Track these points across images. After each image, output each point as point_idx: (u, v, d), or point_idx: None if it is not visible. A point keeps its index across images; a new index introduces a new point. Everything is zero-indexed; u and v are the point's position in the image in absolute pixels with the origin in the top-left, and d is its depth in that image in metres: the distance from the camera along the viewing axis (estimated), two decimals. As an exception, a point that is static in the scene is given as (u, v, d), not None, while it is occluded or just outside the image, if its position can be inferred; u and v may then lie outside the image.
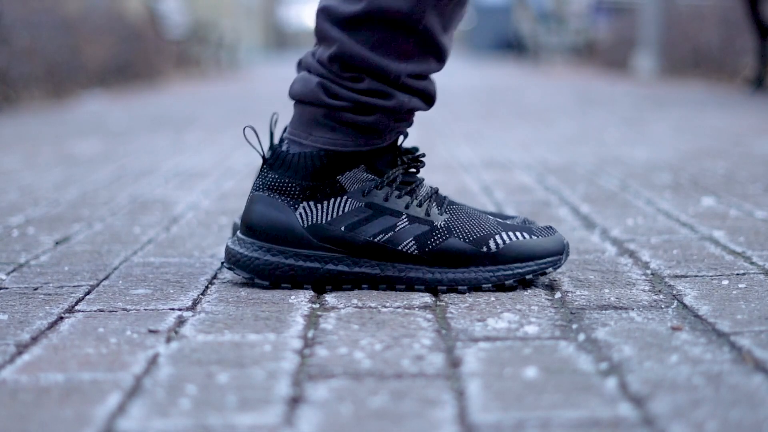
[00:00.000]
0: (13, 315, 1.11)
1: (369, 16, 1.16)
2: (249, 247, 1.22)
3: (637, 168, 2.48)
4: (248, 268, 1.21)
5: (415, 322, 1.06)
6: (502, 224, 1.23)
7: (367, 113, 1.19)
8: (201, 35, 12.42)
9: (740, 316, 1.05)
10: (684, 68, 8.17)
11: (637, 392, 0.82)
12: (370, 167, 1.21)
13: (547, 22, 15.00)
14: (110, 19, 8.52)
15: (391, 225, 1.20)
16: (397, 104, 1.19)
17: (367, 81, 1.18)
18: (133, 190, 2.22)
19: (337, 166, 1.20)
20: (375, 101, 1.18)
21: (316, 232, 1.20)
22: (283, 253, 1.20)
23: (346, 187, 1.20)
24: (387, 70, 1.17)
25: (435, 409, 0.79)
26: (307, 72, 1.22)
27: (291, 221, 1.20)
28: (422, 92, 1.21)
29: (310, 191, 1.20)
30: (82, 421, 0.77)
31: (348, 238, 1.20)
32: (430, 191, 1.23)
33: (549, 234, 1.23)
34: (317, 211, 1.20)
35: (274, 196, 1.21)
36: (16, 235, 1.66)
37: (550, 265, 1.20)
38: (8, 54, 5.69)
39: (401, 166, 1.23)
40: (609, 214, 1.76)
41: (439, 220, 1.21)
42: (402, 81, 1.18)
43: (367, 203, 1.20)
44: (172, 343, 0.98)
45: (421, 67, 1.19)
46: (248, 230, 1.23)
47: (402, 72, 1.17)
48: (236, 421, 0.77)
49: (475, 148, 3.12)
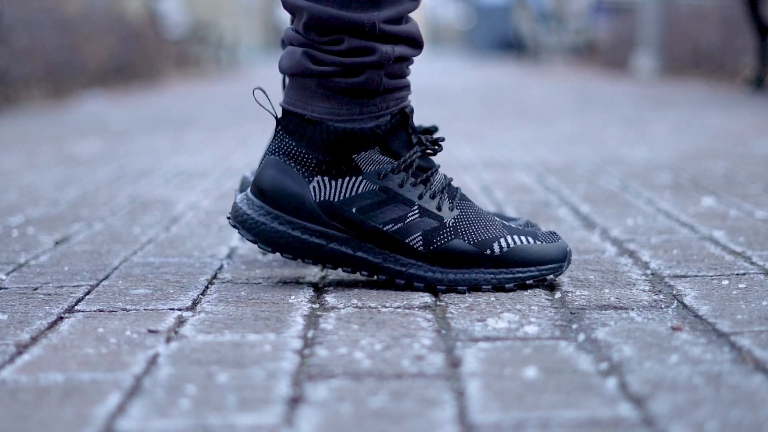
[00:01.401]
0: (13, 315, 1.11)
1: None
2: (258, 210, 1.20)
3: (637, 168, 2.48)
4: (253, 231, 1.20)
5: (415, 322, 1.06)
6: (508, 227, 1.22)
7: (356, 73, 1.18)
8: (201, 35, 12.42)
9: (740, 316, 1.05)
10: (684, 68, 8.18)
11: (637, 392, 0.82)
12: (384, 149, 1.20)
13: (547, 22, 15.00)
14: (110, 19, 8.53)
15: (402, 215, 1.19)
16: (383, 56, 1.17)
17: (346, 40, 1.17)
18: (133, 190, 2.22)
19: (351, 144, 1.18)
20: (360, 60, 1.17)
21: (327, 209, 1.19)
22: (290, 223, 1.19)
23: (362, 167, 1.19)
24: (360, 22, 1.16)
25: (435, 409, 0.79)
26: (291, 45, 1.21)
27: (304, 193, 1.19)
28: (405, 37, 1.19)
29: (326, 165, 1.19)
30: (82, 421, 0.77)
31: (357, 221, 1.19)
32: (444, 182, 1.23)
33: (553, 240, 1.22)
34: (331, 187, 1.19)
35: (289, 163, 1.20)
36: (15, 235, 1.66)
37: (551, 272, 1.20)
38: (8, 54, 5.69)
39: (419, 148, 1.22)
40: (609, 214, 1.76)
41: (449, 216, 1.20)
42: (380, 29, 1.16)
43: (381, 187, 1.19)
44: (172, 343, 0.98)
45: (395, 10, 1.17)
46: (259, 193, 1.21)
47: (376, 19, 1.16)
48: (236, 421, 0.77)
49: (475, 147, 3.12)
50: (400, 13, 1.17)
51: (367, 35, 1.16)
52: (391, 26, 1.17)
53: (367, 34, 1.16)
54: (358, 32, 1.16)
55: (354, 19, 1.16)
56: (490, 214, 1.26)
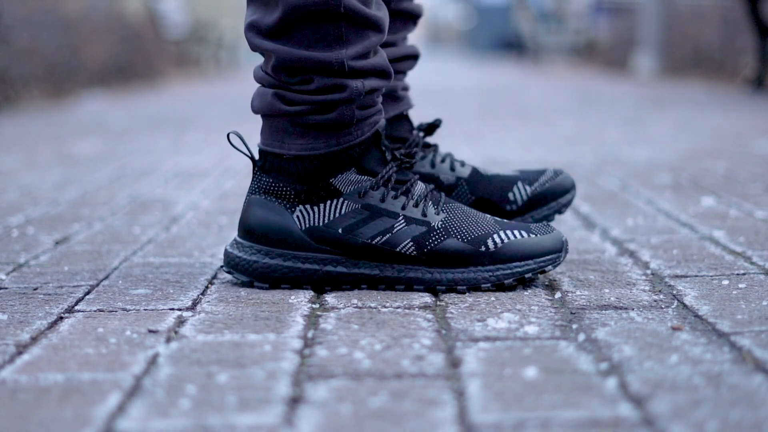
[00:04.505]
0: (12, 315, 1.11)
1: (290, 18, 1.16)
2: (247, 250, 1.22)
3: (637, 168, 2.48)
4: (247, 271, 1.21)
5: (415, 322, 1.06)
6: (500, 222, 1.23)
7: (328, 110, 1.19)
8: (201, 35, 12.42)
9: (740, 316, 1.05)
10: (684, 68, 8.17)
11: (637, 392, 0.82)
12: (360, 169, 1.21)
13: (547, 22, 14.99)
14: (110, 19, 8.52)
15: (389, 227, 1.20)
16: (353, 92, 1.18)
17: (315, 80, 1.18)
18: (133, 190, 2.22)
19: (326, 169, 1.20)
20: (331, 97, 1.18)
21: (314, 234, 1.20)
22: (281, 256, 1.21)
23: (341, 189, 1.20)
24: (329, 61, 1.17)
25: (435, 409, 0.79)
26: (261, 85, 1.23)
27: (288, 224, 1.21)
28: (374, 70, 1.20)
29: (305, 194, 1.20)
30: (81, 421, 0.77)
31: (346, 240, 1.20)
32: (425, 190, 1.23)
33: (547, 231, 1.22)
34: (314, 213, 1.20)
35: (270, 199, 1.22)
36: (15, 235, 1.66)
37: (549, 263, 1.20)
38: (8, 54, 5.69)
39: (394, 163, 1.23)
40: (609, 214, 1.76)
41: (435, 220, 1.21)
42: (348, 66, 1.17)
43: (363, 205, 1.20)
44: (172, 343, 0.98)
45: (362, 45, 1.18)
46: (246, 234, 1.23)
47: (344, 57, 1.17)
48: (236, 421, 0.77)
49: (475, 147, 3.12)
50: (366, 48, 1.18)
51: (337, 73, 1.17)
52: (359, 62, 1.18)
53: (336, 72, 1.17)
54: (327, 71, 1.17)
55: (322, 58, 1.17)
56: (481, 213, 1.26)
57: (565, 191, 1.41)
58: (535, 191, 1.38)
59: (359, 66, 1.18)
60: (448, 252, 1.19)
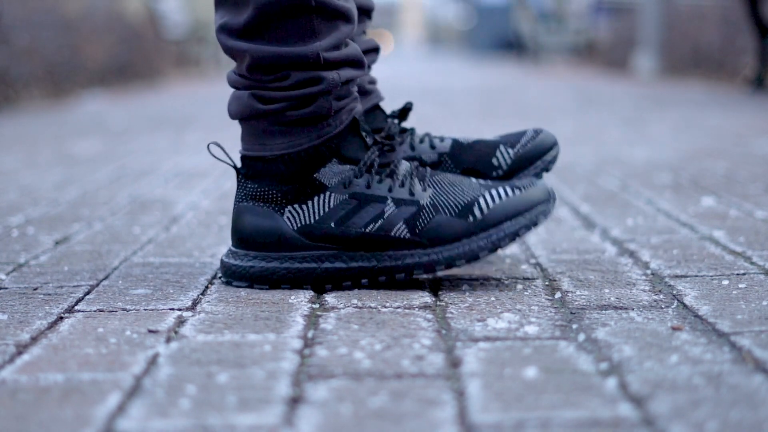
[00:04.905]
0: (12, 315, 1.11)
1: (261, 16, 1.17)
2: (243, 258, 1.22)
3: (637, 168, 2.48)
4: (245, 277, 1.22)
5: (415, 322, 1.06)
6: (484, 185, 1.22)
7: (306, 104, 1.19)
8: (200, 35, 12.41)
9: (740, 316, 1.05)
10: (684, 68, 8.17)
11: (637, 392, 0.82)
12: (341, 158, 1.21)
13: (547, 22, 14.99)
14: (110, 19, 8.52)
15: (379, 212, 1.20)
16: (329, 83, 1.19)
17: (292, 75, 1.18)
18: (133, 190, 2.22)
19: (309, 164, 1.20)
20: (308, 90, 1.19)
21: (307, 232, 1.20)
22: (278, 259, 1.21)
23: (326, 183, 1.20)
24: (304, 54, 1.17)
25: (435, 409, 0.79)
26: (236, 89, 1.23)
27: (280, 226, 1.21)
28: (347, 60, 1.21)
29: (292, 194, 1.21)
30: (81, 421, 0.77)
31: (340, 233, 1.20)
32: (409, 168, 1.23)
33: (532, 184, 1.22)
34: (303, 212, 1.21)
35: (258, 204, 1.22)
36: (15, 235, 1.66)
37: (540, 214, 1.20)
38: (8, 54, 5.69)
39: (375, 148, 1.23)
40: (609, 214, 1.76)
41: (424, 197, 1.21)
42: (323, 59, 1.18)
43: (350, 194, 1.20)
44: (171, 343, 0.98)
45: (334, 37, 1.19)
46: (240, 242, 1.23)
47: (318, 50, 1.18)
48: (236, 421, 0.77)
49: (475, 148, 3.11)
50: (339, 39, 1.19)
51: (312, 66, 1.18)
52: (332, 53, 1.19)
53: (312, 65, 1.18)
54: (302, 65, 1.18)
55: (297, 53, 1.17)
56: (467, 178, 1.25)
57: (548, 148, 1.42)
58: (518, 153, 1.39)
59: (333, 57, 1.19)
60: (439, 228, 1.19)
